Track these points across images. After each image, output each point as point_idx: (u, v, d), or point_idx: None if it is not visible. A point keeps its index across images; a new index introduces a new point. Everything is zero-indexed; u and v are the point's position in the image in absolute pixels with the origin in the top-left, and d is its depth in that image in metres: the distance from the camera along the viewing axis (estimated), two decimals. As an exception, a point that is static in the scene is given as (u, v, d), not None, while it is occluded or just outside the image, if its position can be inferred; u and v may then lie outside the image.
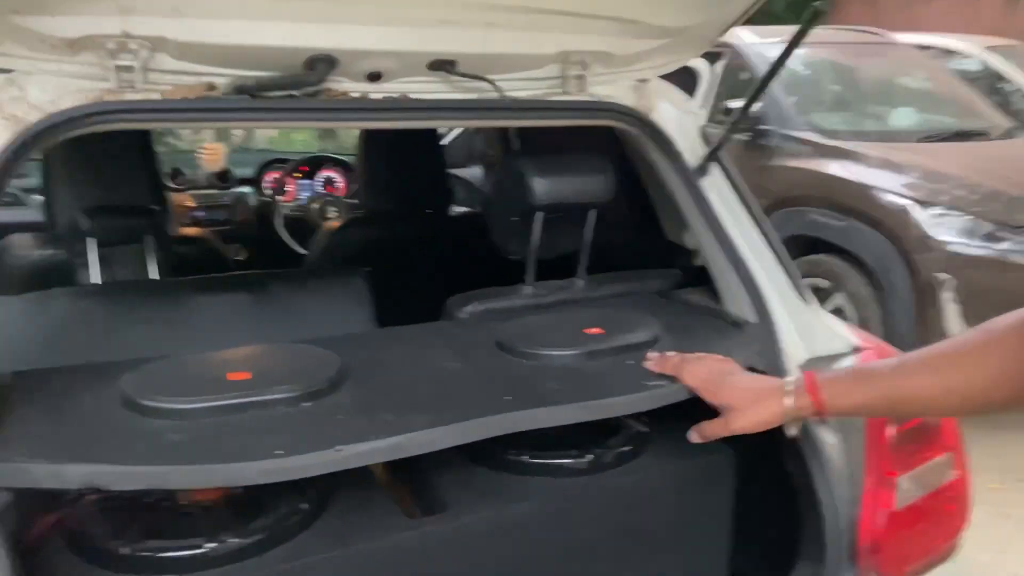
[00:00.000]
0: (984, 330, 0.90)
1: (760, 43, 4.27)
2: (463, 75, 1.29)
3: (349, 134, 3.84)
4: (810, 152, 3.81)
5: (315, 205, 2.94)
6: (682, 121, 1.42)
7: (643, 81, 1.42)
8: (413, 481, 1.21)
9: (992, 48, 5.95)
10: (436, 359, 1.19)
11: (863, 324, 3.47)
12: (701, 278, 1.48)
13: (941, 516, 1.25)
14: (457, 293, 1.44)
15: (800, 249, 3.81)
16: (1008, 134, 4.13)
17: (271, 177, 3.20)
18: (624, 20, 1.30)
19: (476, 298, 1.41)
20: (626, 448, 1.24)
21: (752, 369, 1.22)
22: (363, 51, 1.21)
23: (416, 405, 1.03)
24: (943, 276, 3.23)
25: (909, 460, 1.23)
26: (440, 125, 2.30)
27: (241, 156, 3.36)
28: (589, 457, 1.21)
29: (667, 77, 1.47)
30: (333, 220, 2.77)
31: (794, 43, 1.22)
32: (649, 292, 1.52)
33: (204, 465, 0.87)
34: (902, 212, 3.38)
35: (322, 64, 1.19)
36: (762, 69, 4.15)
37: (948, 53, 5.98)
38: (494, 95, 1.30)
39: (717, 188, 1.40)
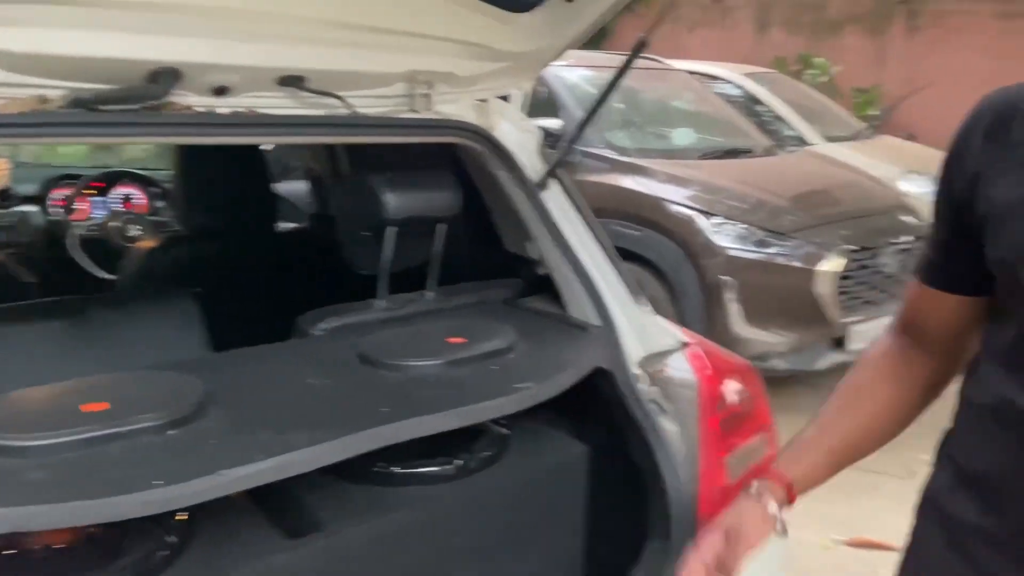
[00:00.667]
0: (867, 365, 1.02)
1: (556, 64, 4.53)
2: (312, 91, 1.29)
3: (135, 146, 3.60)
4: (607, 168, 4.10)
5: (114, 224, 2.72)
6: (521, 139, 1.51)
7: (483, 101, 1.49)
8: (279, 502, 1.19)
9: (749, 75, 6.72)
10: (300, 377, 1.18)
11: (661, 324, 3.80)
12: (542, 286, 1.58)
13: (761, 487, 1.43)
14: (291, 312, 1.43)
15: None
16: (769, 151, 4.71)
17: (59, 194, 2.92)
18: (469, 43, 1.36)
19: (330, 314, 1.40)
20: (489, 452, 1.29)
21: (602, 372, 1.33)
22: (209, 64, 1.18)
23: (292, 424, 1.02)
24: (725, 278, 3.62)
25: (733, 441, 1.39)
26: (289, 142, 2.25)
27: (22, 172, 3.03)
28: (456, 463, 1.25)
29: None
30: (139, 240, 2.58)
31: (622, 71, 1.35)
32: (496, 301, 1.59)
33: (77, 502, 0.81)
34: (689, 222, 3.74)
35: (166, 77, 1.14)
36: (560, 89, 4.44)
37: (713, 78, 6.67)
38: (344, 111, 1.31)
39: (557, 201, 1.51)
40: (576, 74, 4.72)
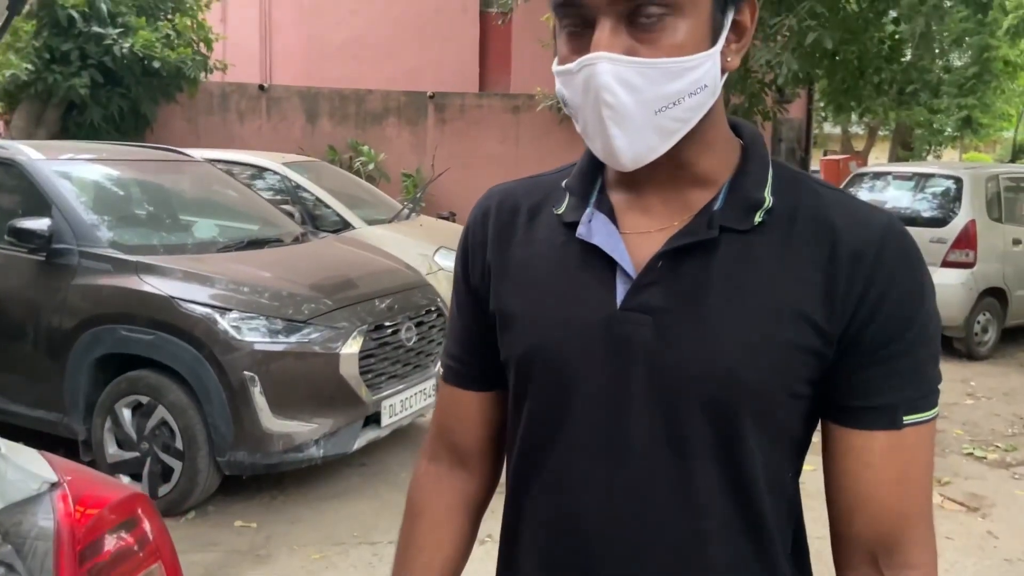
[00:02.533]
0: (416, 513, 0.98)
1: (45, 159, 4.08)
2: None
3: None
4: (114, 269, 3.75)
5: None
6: None
7: None
8: None
9: (289, 164, 6.82)
10: None
11: (186, 432, 3.52)
12: None
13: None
14: None
15: (116, 368, 3.71)
16: (299, 239, 4.74)
17: None
18: None
19: None
20: None
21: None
22: None
23: None
24: (249, 374, 3.49)
25: (113, 585, 1.23)
26: None
27: None
28: None
29: None
30: None
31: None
32: None
33: None
34: (206, 320, 3.55)
35: None
36: (53, 183, 3.97)
37: (256, 168, 6.65)
38: None
39: None
40: (77, 168, 4.29)
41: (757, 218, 0.79)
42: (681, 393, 0.78)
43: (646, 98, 0.73)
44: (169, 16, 9.09)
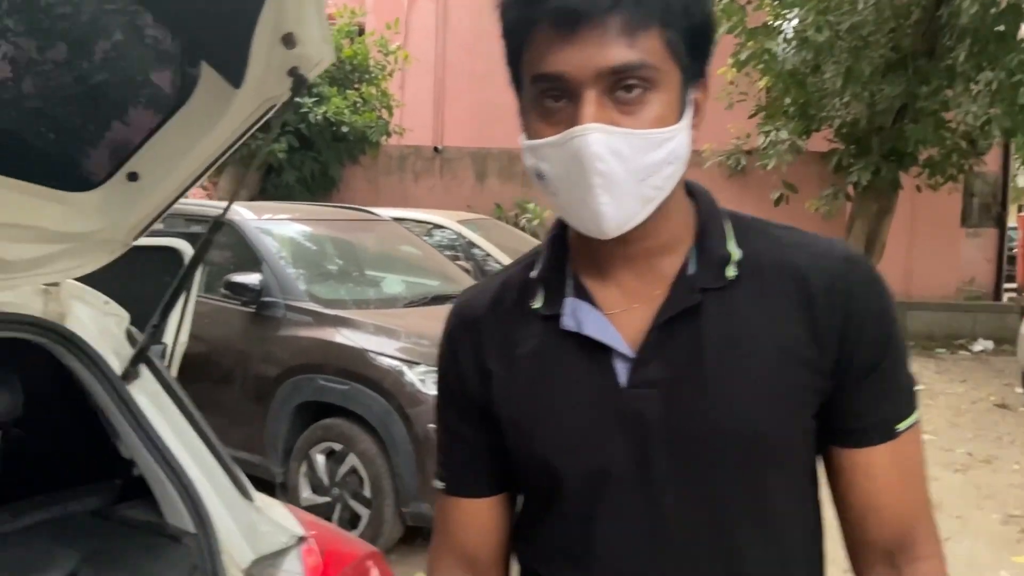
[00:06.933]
0: None
1: (256, 219, 4.43)
2: None
3: None
4: (313, 321, 3.98)
5: None
6: (103, 323, 1.35)
7: (52, 285, 1.32)
8: None
9: (464, 221, 7.08)
10: None
11: (375, 481, 3.64)
12: (143, 489, 1.38)
13: None
14: None
15: (313, 415, 3.91)
16: (478, 295, 4.86)
17: None
18: (17, 225, 1.20)
19: None
20: None
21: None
22: None
23: None
24: (433, 427, 3.56)
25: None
26: None
27: None
28: None
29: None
30: None
31: (201, 252, 1.26)
32: (83, 512, 1.36)
33: None
34: (395, 372, 3.68)
35: None
36: (262, 241, 4.30)
37: (432, 226, 6.95)
38: None
39: (148, 391, 1.34)
40: (280, 227, 4.64)
41: (730, 273, 0.82)
42: (705, 459, 0.80)
43: (633, 167, 0.76)
44: (357, 85, 9.79)
